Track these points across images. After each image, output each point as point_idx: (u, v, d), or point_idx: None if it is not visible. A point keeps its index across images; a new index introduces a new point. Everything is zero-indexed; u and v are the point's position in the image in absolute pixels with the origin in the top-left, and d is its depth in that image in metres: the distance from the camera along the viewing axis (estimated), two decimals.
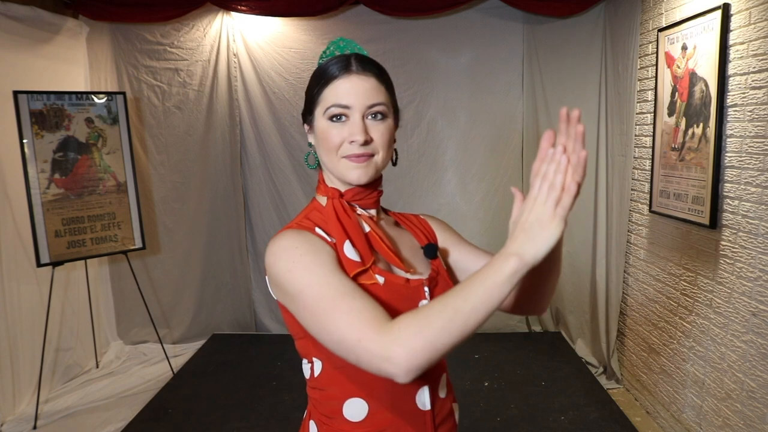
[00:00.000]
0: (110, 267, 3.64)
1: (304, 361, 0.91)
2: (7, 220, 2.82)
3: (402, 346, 0.67)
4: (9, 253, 2.80)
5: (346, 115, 0.86)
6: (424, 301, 0.88)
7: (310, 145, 0.95)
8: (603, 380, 3.07)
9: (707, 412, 2.22)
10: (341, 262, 0.83)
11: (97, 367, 3.41)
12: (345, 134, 0.86)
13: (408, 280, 0.88)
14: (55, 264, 2.89)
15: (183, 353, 3.57)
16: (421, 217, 1.07)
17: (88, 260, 3.20)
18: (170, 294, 3.73)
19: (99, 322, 3.51)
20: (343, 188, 0.92)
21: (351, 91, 0.85)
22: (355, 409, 0.86)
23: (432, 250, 0.95)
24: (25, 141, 2.80)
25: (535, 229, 0.69)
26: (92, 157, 3.07)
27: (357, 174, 0.87)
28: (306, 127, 0.95)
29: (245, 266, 3.77)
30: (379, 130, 0.87)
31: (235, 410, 2.80)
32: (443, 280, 0.95)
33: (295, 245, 0.81)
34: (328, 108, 0.86)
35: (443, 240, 1.03)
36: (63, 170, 2.96)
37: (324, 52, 0.93)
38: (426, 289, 0.89)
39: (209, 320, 3.80)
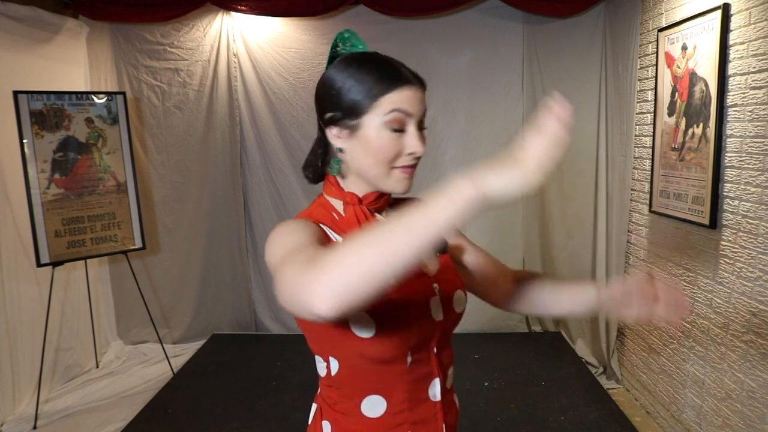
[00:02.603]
0: (110, 267, 3.64)
1: (319, 359, 0.91)
2: (7, 220, 2.82)
3: (323, 276, 0.56)
4: (9, 253, 2.80)
5: (405, 125, 0.82)
6: (435, 298, 0.88)
7: (340, 150, 0.86)
8: (603, 380, 3.07)
9: (707, 412, 2.22)
10: None
11: (97, 367, 3.41)
12: (403, 145, 0.82)
13: (417, 276, 0.87)
14: (55, 264, 2.89)
15: (183, 353, 3.57)
16: None
17: (88, 260, 3.20)
18: (170, 294, 3.73)
19: (99, 322, 3.51)
20: (361, 193, 0.89)
21: (413, 99, 0.81)
22: (374, 405, 0.86)
23: (442, 245, 0.93)
24: (25, 141, 2.80)
25: (511, 164, 0.58)
26: (92, 157, 3.07)
27: (405, 185, 0.85)
28: (334, 130, 0.85)
29: (245, 266, 3.76)
30: (424, 142, 0.85)
31: (235, 410, 2.80)
32: (452, 273, 0.95)
33: (286, 224, 0.81)
34: (390, 112, 0.80)
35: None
36: (63, 170, 2.95)
37: (335, 47, 0.89)
38: (435, 285, 0.89)
39: (209, 320, 3.80)
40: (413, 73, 0.85)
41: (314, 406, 0.97)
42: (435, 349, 0.89)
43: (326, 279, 0.56)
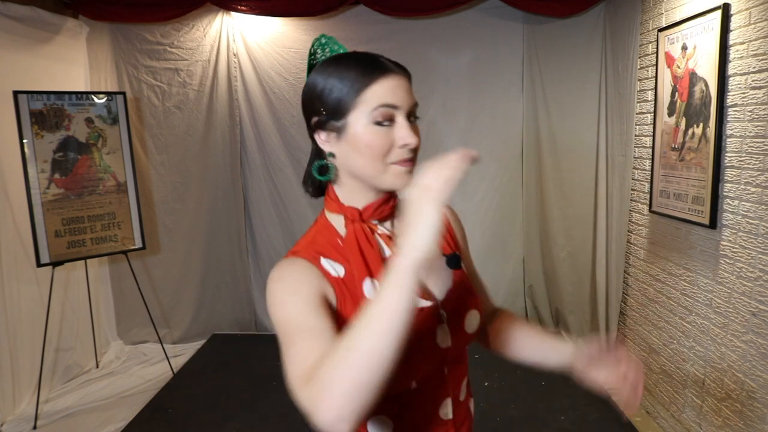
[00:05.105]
0: (110, 267, 3.64)
1: None
2: (7, 220, 2.82)
3: (322, 399, 0.59)
4: (9, 253, 2.80)
5: (392, 118, 0.79)
6: (442, 326, 0.84)
7: (331, 155, 0.83)
8: None
9: (707, 412, 2.22)
10: (358, 299, 0.79)
11: (97, 367, 3.41)
12: (393, 138, 0.79)
13: (419, 309, 0.81)
14: (55, 264, 2.89)
15: (183, 353, 3.57)
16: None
17: (88, 260, 3.20)
18: (170, 294, 3.73)
19: (99, 322, 3.51)
20: (361, 204, 0.84)
21: (397, 90, 0.78)
22: (380, 426, 0.84)
23: (455, 261, 0.89)
24: (25, 141, 2.80)
25: (414, 219, 0.62)
26: (92, 157, 3.07)
27: (405, 179, 0.80)
28: (322, 135, 0.82)
29: (245, 266, 3.77)
30: (417, 133, 0.81)
31: (235, 410, 2.80)
32: (465, 291, 0.89)
33: (280, 277, 0.79)
34: (375, 109, 0.77)
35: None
36: (63, 170, 2.96)
37: (313, 53, 0.86)
38: (442, 312, 0.84)
39: (209, 320, 3.80)
40: (394, 63, 0.82)
41: None
42: (445, 370, 0.86)
43: (328, 403, 0.58)
